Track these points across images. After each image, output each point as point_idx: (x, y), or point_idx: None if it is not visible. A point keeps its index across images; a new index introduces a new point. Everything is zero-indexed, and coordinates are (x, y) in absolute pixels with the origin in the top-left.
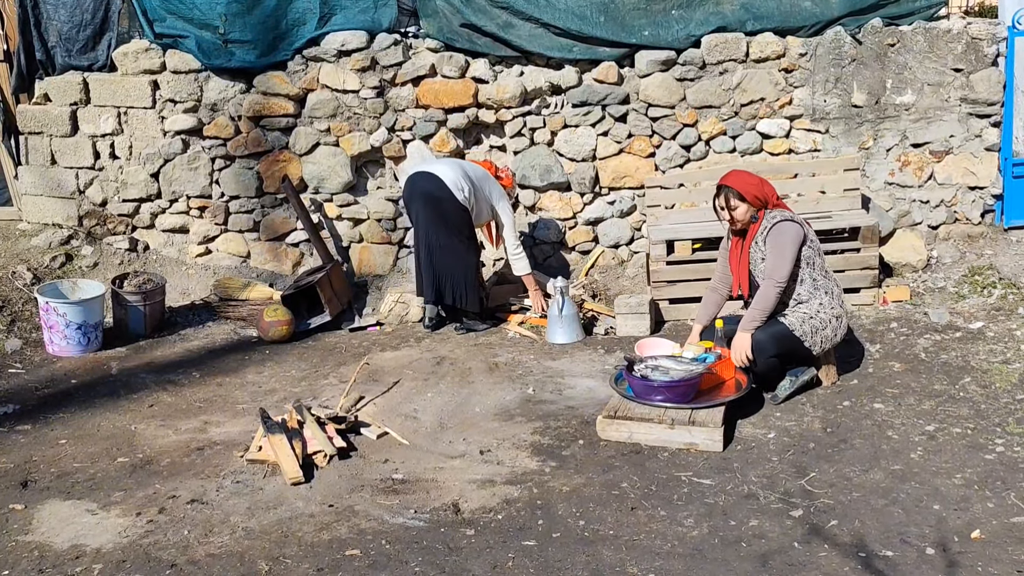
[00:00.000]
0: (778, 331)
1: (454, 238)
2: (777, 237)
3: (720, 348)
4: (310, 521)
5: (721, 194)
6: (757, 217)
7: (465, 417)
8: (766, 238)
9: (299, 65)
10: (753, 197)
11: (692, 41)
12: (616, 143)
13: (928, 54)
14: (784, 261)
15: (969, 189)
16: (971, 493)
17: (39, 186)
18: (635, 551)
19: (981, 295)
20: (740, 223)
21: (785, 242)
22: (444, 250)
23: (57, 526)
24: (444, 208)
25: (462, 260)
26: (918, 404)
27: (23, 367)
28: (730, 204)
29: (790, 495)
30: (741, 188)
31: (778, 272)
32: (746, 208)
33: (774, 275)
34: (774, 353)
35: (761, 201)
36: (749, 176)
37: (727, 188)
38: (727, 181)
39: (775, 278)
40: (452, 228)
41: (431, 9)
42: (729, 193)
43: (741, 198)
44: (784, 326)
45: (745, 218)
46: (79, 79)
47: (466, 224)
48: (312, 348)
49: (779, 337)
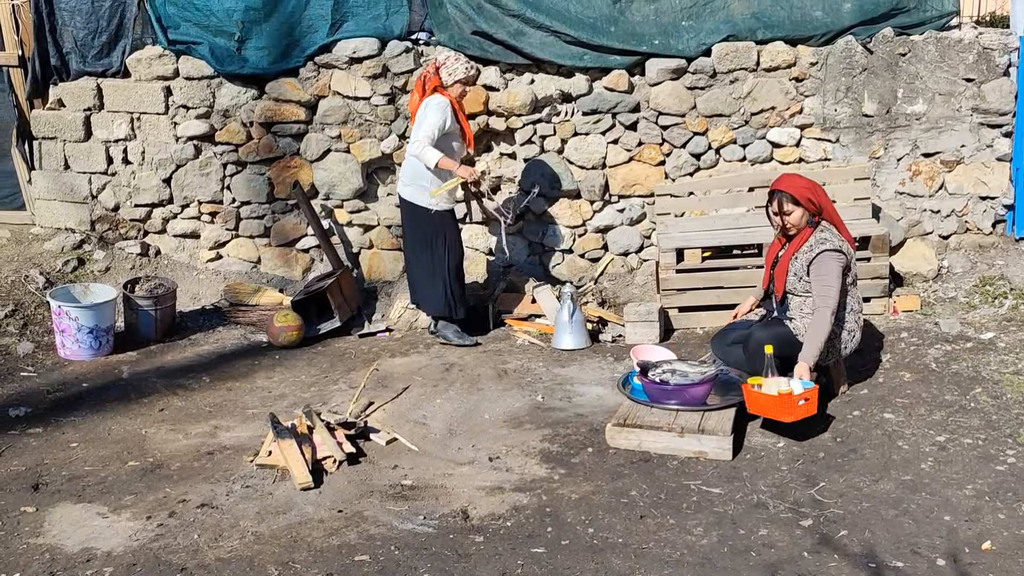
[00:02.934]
0: (781, 334)
1: (412, 238)
2: (820, 268)
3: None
4: (319, 526)
5: (774, 199)
6: (814, 222)
7: (474, 424)
8: (809, 265)
9: (311, 72)
10: (807, 201)
11: (703, 50)
12: (626, 151)
13: (939, 64)
14: (832, 290)
15: (980, 199)
16: (982, 504)
17: (52, 191)
18: (644, 559)
19: (992, 305)
20: (795, 227)
21: (830, 274)
22: (408, 250)
23: (68, 529)
24: (402, 209)
25: (420, 261)
26: (929, 414)
27: (35, 370)
28: (784, 209)
29: (800, 504)
30: (795, 192)
31: (831, 300)
32: (801, 212)
33: (828, 304)
34: (775, 354)
35: (816, 206)
36: (801, 179)
37: (780, 193)
38: (780, 185)
39: (829, 307)
40: (408, 228)
41: (443, 17)
42: (783, 198)
43: (796, 202)
44: (787, 330)
45: (801, 223)
46: (93, 85)
47: (421, 220)
48: (322, 354)
49: (782, 340)
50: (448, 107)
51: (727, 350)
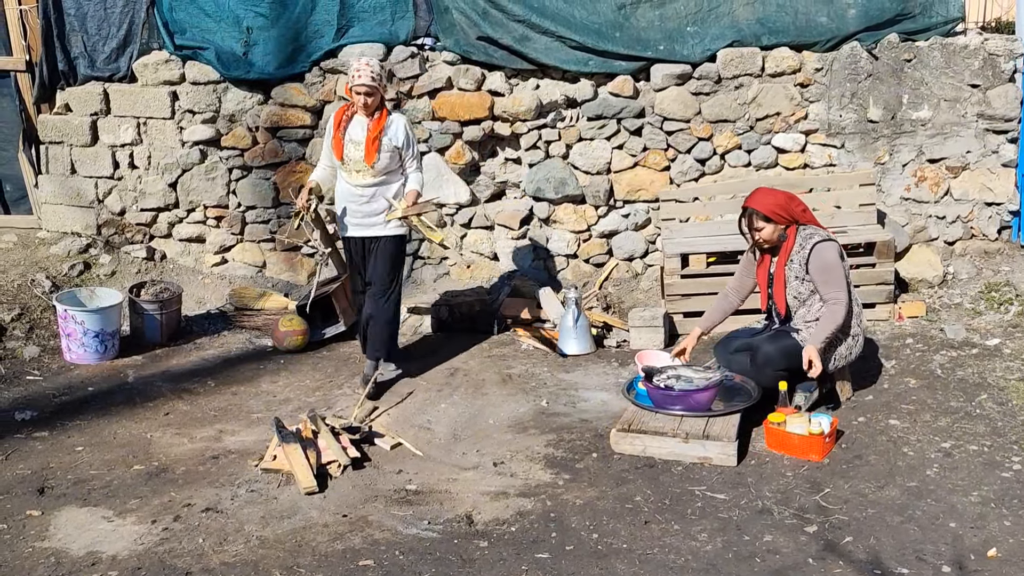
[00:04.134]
0: (788, 346)
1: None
2: (820, 261)
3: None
4: (324, 531)
5: (746, 215)
6: (786, 235)
7: (478, 429)
8: (807, 262)
9: (316, 77)
10: (778, 216)
11: (708, 55)
12: (631, 156)
13: (945, 70)
14: (839, 280)
15: (986, 205)
16: (987, 511)
17: (59, 195)
18: (649, 565)
19: (998, 312)
20: (768, 243)
21: (831, 264)
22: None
23: (73, 533)
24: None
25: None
26: (934, 421)
27: (41, 374)
28: (755, 225)
29: (804, 511)
30: (765, 209)
31: (840, 293)
32: (772, 228)
33: (838, 297)
34: (783, 367)
35: (788, 219)
36: (774, 194)
37: (751, 210)
38: (751, 202)
39: (840, 300)
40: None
41: (448, 22)
42: (754, 215)
43: (766, 219)
44: (795, 341)
45: (772, 237)
46: (100, 89)
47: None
48: (326, 358)
49: (788, 352)
50: (330, 119)
51: (730, 358)
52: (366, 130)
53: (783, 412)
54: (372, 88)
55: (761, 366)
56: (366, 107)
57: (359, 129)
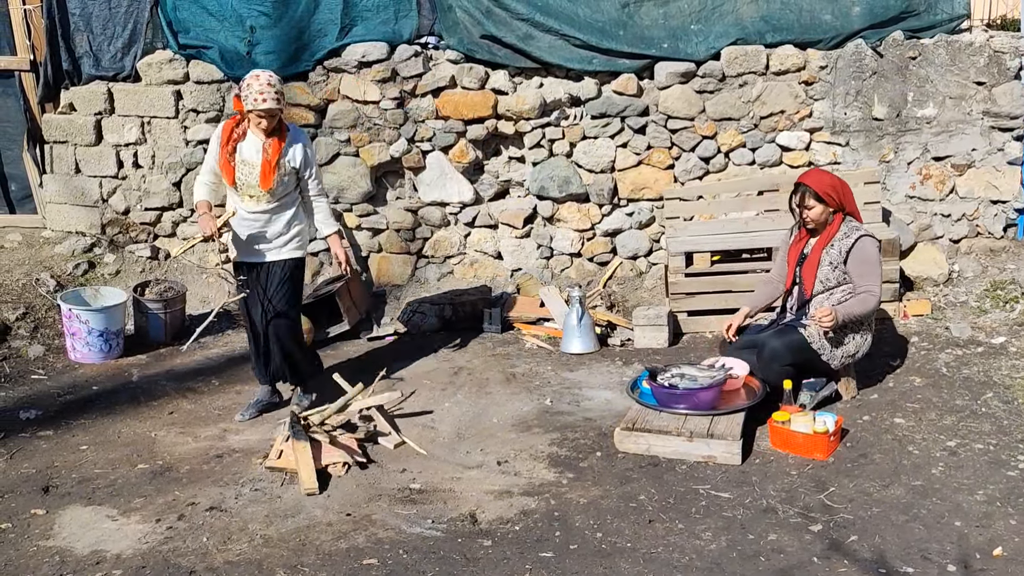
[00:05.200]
0: (795, 341)
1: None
2: (862, 254)
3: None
4: (328, 530)
5: (798, 192)
6: (832, 220)
7: (482, 427)
8: (848, 252)
9: (320, 76)
10: (830, 198)
11: (712, 53)
12: (635, 154)
13: (950, 67)
14: (876, 276)
15: (991, 203)
16: (993, 510)
17: (63, 194)
18: (653, 564)
19: (1003, 310)
20: (814, 223)
21: (872, 258)
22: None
23: (78, 531)
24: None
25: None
26: (939, 419)
27: (46, 373)
28: (805, 203)
29: (809, 510)
30: (819, 188)
31: (875, 287)
32: (822, 209)
33: (873, 290)
34: (789, 362)
35: (837, 203)
36: (830, 176)
37: (804, 187)
38: (805, 179)
39: (874, 293)
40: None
41: (451, 21)
42: (806, 192)
43: (818, 199)
44: (802, 337)
45: (820, 219)
46: (104, 89)
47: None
48: (331, 357)
49: (795, 347)
50: (215, 136)
51: (739, 354)
52: (262, 152)
53: (788, 411)
54: (277, 111)
55: (768, 361)
56: (264, 128)
57: (253, 151)
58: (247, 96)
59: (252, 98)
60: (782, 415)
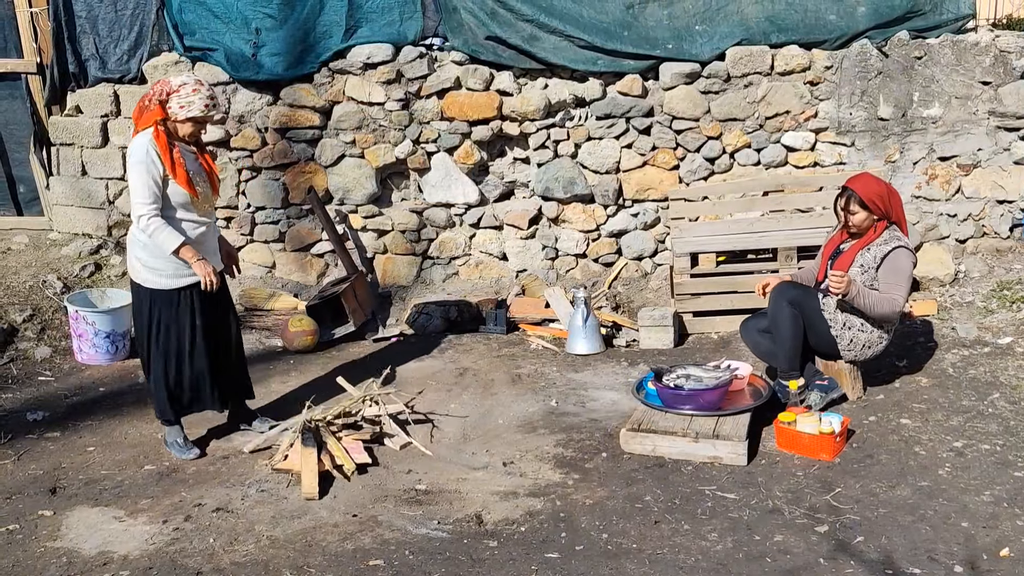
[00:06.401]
0: (810, 294)
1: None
2: (895, 263)
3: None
4: (334, 531)
5: (844, 196)
6: (876, 227)
7: (488, 428)
8: (883, 258)
9: (325, 77)
10: (875, 206)
11: (716, 54)
12: (640, 155)
13: (956, 67)
14: (904, 286)
15: (997, 203)
16: (1000, 511)
17: (70, 196)
18: (659, 565)
19: (1010, 310)
20: (856, 228)
21: (904, 270)
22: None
23: (85, 532)
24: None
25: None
26: (946, 420)
27: (52, 375)
28: (850, 208)
29: (815, 510)
30: (865, 195)
31: (900, 295)
32: (865, 215)
33: (898, 296)
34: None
35: (883, 212)
36: (878, 183)
37: (851, 191)
38: (853, 184)
39: (899, 297)
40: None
41: (456, 22)
42: (851, 198)
43: (863, 205)
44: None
45: (863, 225)
46: (110, 91)
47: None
48: (336, 358)
49: (806, 298)
50: (149, 153)
51: (755, 339)
52: (201, 161)
53: (794, 411)
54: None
55: (777, 295)
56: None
57: (191, 161)
58: (191, 102)
59: (199, 105)
60: (788, 416)
